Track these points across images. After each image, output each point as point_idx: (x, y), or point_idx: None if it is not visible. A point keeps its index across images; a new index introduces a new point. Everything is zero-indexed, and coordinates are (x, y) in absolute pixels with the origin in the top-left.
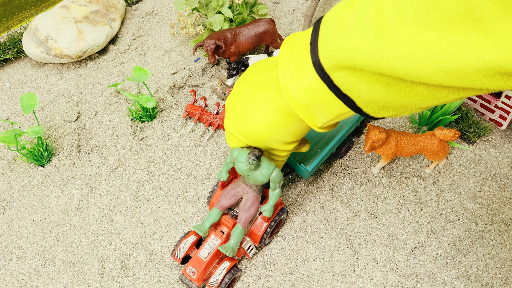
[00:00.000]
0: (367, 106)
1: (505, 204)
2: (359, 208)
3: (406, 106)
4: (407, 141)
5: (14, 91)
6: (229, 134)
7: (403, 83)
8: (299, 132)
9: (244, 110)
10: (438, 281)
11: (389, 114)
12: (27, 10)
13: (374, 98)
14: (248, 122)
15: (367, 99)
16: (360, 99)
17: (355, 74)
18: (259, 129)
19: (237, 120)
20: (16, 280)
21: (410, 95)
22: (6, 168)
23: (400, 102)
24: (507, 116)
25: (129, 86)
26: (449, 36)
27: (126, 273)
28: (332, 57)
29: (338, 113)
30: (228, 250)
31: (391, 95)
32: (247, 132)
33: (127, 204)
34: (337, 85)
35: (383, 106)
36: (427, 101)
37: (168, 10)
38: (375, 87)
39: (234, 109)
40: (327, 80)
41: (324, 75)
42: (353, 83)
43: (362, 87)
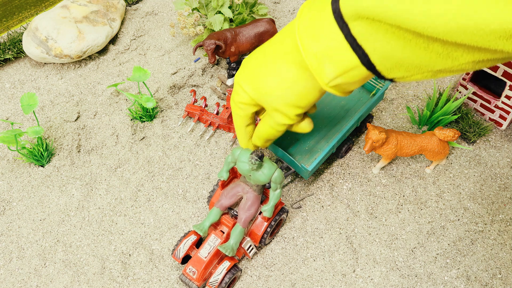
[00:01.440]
0: (380, 62)
1: (505, 204)
2: (359, 208)
3: (419, 66)
4: (407, 141)
5: (14, 91)
6: (238, 88)
7: (419, 39)
8: (305, 93)
9: (259, 63)
10: (438, 281)
11: (401, 75)
12: (27, 10)
13: (389, 53)
14: (260, 75)
15: (381, 53)
16: (375, 54)
17: (373, 25)
18: (270, 82)
19: (249, 73)
20: (16, 280)
21: (425, 53)
22: (6, 168)
23: (414, 60)
24: (507, 116)
25: (129, 86)
26: None
27: (126, 273)
28: (353, 6)
29: (347, 67)
30: (227, 249)
31: (406, 51)
32: (257, 85)
33: (127, 204)
34: (354, 35)
35: (396, 63)
36: (441, 61)
37: (168, 10)
38: (391, 41)
39: (249, 63)
40: (344, 29)
41: (342, 23)
42: (370, 34)
43: (378, 40)
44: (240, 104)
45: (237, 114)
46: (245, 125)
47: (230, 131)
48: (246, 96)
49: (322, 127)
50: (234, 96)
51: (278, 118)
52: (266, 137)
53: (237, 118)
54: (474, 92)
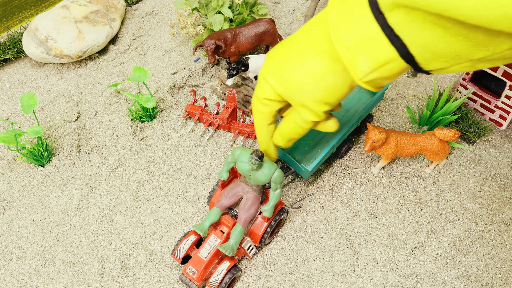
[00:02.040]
0: (419, 53)
1: (505, 204)
2: (359, 208)
3: (459, 56)
4: (407, 141)
5: (14, 91)
6: (263, 83)
7: (459, 27)
8: (334, 88)
9: (286, 56)
10: (438, 281)
11: (440, 66)
12: (27, 10)
13: (428, 43)
14: (287, 68)
15: (420, 44)
16: (414, 44)
17: (411, 14)
18: (297, 76)
19: (275, 66)
20: (16, 280)
21: (465, 41)
22: (6, 168)
23: (454, 49)
24: (507, 116)
25: (129, 86)
26: None
27: (126, 273)
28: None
29: (384, 61)
30: (227, 249)
31: (447, 40)
32: (283, 79)
33: (127, 204)
34: (391, 25)
35: (436, 54)
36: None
37: (168, 10)
38: (431, 30)
39: (275, 56)
40: (381, 20)
41: (378, 14)
42: (408, 23)
43: (417, 29)
44: (265, 100)
45: (259, 112)
46: (267, 124)
47: (230, 131)
48: (271, 91)
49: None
50: (258, 92)
51: (305, 115)
52: (290, 136)
53: (259, 115)
54: (474, 92)
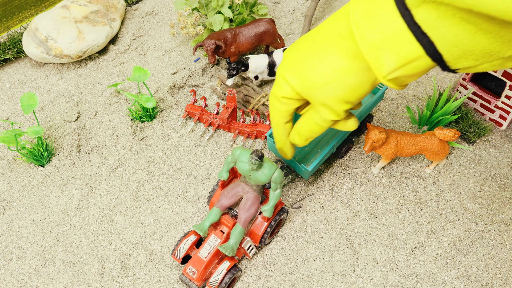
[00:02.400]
0: (447, 51)
1: (505, 204)
2: (359, 208)
3: (489, 53)
4: (407, 141)
5: (14, 91)
6: (282, 81)
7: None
8: (356, 86)
9: (305, 53)
10: (438, 281)
11: (469, 64)
12: (27, 10)
13: (457, 40)
14: (307, 65)
15: (449, 41)
16: (441, 41)
17: (439, 10)
18: (318, 73)
19: (294, 64)
20: (16, 280)
21: (496, 38)
22: (6, 168)
23: (484, 46)
24: (507, 116)
25: (129, 86)
26: None
27: (126, 273)
28: None
29: (410, 58)
30: (227, 249)
31: (477, 37)
32: (303, 77)
33: (127, 204)
34: (418, 22)
35: (465, 52)
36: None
37: (168, 10)
38: (461, 27)
39: (293, 53)
40: (407, 16)
41: (404, 10)
42: (436, 19)
43: (445, 26)
44: (283, 99)
45: (277, 110)
46: (284, 122)
47: (230, 131)
48: (290, 90)
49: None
50: (276, 90)
51: (325, 114)
52: (308, 135)
53: (277, 114)
54: (474, 92)
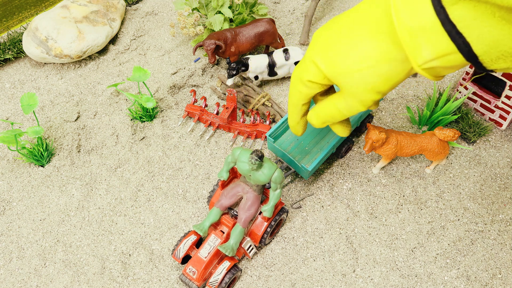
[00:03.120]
0: (484, 52)
1: (505, 204)
2: (359, 208)
3: None
4: (407, 141)
5: (14, 91)
6: (310, 64)
7: None
8: (390, 75)
9: (338, 36)
10: (438, 281)
11: (506, 66)
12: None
13: (496, 41)
14: (339, 49)
15: (486, 42)
16: (478, 42)
17: (477, 8)
18: (351, 59)
19: (325, 47)
20: (16, 280)
21: None
22: (6, 168)
23: None
24: (507, 116)
25: (129, 86)
26: None
27: (126, 273)
28: None
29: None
30: (227, 249)
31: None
32: (335, 62)
33: (127, 204)
34: (453, 21)
35: (503, 53)
36: None
37: (168, 10)
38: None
39: (324, 36)
40: (441, 14)
41: (440, 7)
42: (473, 19)
43: (483, 26)
44: (309, 82)
45: (299, 92)
46: (302, 104)
47: (230, 131)
48: (318, 74)
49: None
50: (302, 73)
51: (352, 103)
52: (326, 118)
53: (297, 95)
54: (474, 92)
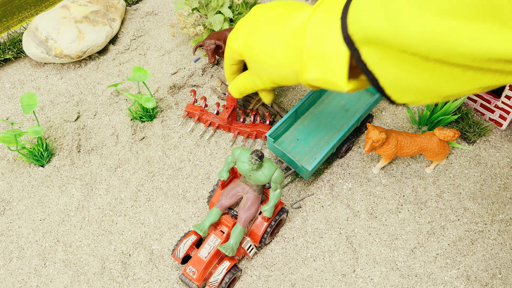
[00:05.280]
0: (390, 87)
1: (505, 204)
2: (359, 208)
3: (427, 91)
4: (407, 141)
5: (14, 91)
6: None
7: (426, 63)
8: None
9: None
10: (438, 281)
11: (411, 100)
12: (27, 10)
13: (398, 78)
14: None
15: (390, 78)
16: (384, 78)
17: (381, 51)
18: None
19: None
20: (16, 280)
21: (432, 77)
22: (6, 168)
23: (422, 85)
24: (507, 116)
25: (129, 86)
26: (466, 24)
27: (126, 273)
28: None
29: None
30: (227, 249)
31: (414, 75)
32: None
33: (127, 204)
34: (364, 60)
35: (405, 88)
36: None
37: (168, 10)
38: (400, 66)
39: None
40: (356, 54)
41: (354, 49)
42: (379, 59)
43: (387, 65)
44: (231, 49)
45: (227, 51)
46: (231, 64)
47: (230, 131)
48: (237, 46)
49: (322, 127)
50: (229, 39)
51: (256, 81)
52: (242, 89)
53: (227, 54)
54: None
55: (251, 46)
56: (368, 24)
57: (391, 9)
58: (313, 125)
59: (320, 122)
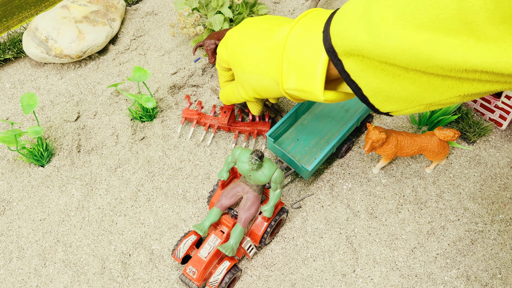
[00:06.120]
0: (372, 96)
1: (505, 204)
2: (359, 208)
3: (410, 100)
4: (407, 141)
5: (14, 91)
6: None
7: (406, 73)
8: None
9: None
10: (438, 281)
11: (394, 108)
12: (27, 10)
13: (380, 87)
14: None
15: (373, 87)
16: (367, 88)
17: (363, 62)
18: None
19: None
20: (16, 280)
21: (413, 86)
22: (6, 168)
23: (404, 93)
24: (507, 116)
25: (129, 86)
26: (442, 37)
27: (126, 273)
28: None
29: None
30: (227, 249)
31: (395, 84)
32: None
33: (127, 204)
34: (347, 71)
35: (387, 97)
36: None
37: (168, 10)
38: (381, 75)
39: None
40: (339, 65)
41: (337, 60)
42: (361, 70)
43: (369, 75)
44: (219, 57)
45: (218, 59)
46: (221, 70)
47: (230, 131)
48: (225, 55)
49: (322, 127)
50: (219, 47)
51: (240, 92)
52: (228, 97)
53: (218, 61)
54: None
55: (236, 55)
56: (350, 36)
57: (370, 22)
58: (313, 125)
59: (320, 122)
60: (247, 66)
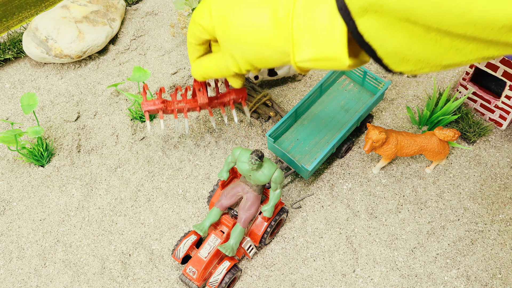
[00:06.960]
0: (388, 57)
1: (505, 204)
2: (359, 208)
3: (427, 61)
4: (407, 141)
5: (14, 91)
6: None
7: (428, 33)
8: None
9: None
10: (438, 281)
11: (409, 69)
12: (27, 10)
13: (397, 48)
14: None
15: (389, 49)
16: (382, 49)
17: (381, 20)
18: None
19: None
20: (16, 280)
21: (433, 48)
22: (6, 168)
23: (422, 55)
24: (507, 116)
25: (129, 86)
26: None
27: (126, 273)
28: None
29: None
30: (227, 249)
31: (415, 46)
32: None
33: (127, 204)
34: (361, 32)
35: (404, 58)
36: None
37: (168, 10)
38: (399, 36)
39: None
40: (351, 26)
41: (349, 19)
42: (378, 30)
43: (386, 35)
44: (200, 26)
45: (192, 29)
46: (195, 44)
47: (204, 109)
48: (209, 24)
49: (322, 127)
50: (198, 15)
51: (230, 64)
52: (206, 73)
53: (190, 32)
54: (474, 92)
55: (227, 23)
56: None
57: None
58: (313, 125)
59: (320, 122)
60: (244, 36)
